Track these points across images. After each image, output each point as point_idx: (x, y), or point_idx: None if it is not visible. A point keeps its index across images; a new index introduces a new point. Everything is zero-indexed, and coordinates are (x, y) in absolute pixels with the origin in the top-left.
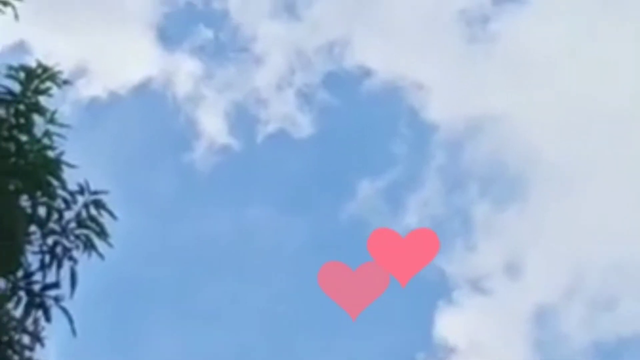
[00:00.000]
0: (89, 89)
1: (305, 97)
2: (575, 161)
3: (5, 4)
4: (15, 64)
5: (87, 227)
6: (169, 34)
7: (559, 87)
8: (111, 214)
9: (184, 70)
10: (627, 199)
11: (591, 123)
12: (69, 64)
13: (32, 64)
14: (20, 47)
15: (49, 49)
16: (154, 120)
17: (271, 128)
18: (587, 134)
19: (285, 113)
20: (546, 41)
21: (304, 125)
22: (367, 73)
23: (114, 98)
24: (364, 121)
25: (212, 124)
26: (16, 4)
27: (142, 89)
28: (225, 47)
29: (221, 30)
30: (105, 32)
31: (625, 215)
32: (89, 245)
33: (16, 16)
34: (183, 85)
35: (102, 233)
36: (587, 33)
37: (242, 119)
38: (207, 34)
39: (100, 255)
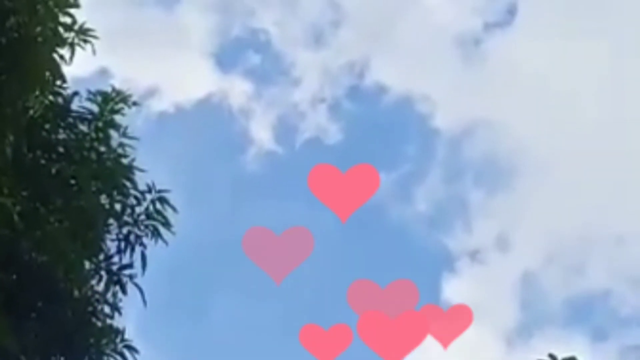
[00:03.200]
0: (159, 105)
1: (333, 110)
2: (554, 156)
3: (85, 41)
4: (99, 87)
5: (154, 219)
6: (224, 60)
7: (540, 95)
8: (173, 208)
9: (237, 89)
10: (593, 186)
11: (567, 126)
12: (143, 85)
13: (115, 86)
14: (104, 73)
15: (127, 73)
16: (213, 130)
17: (307, 136)
18: (563, 135)
19: (318, 123)
20: (527, 57)
21: (333, 133)
22: (382, 87)
23: (180, 112)
24: (381, 127)
25: (261, 133)
26: (94, 41)
27: (203, 105)
28: (270, 71)
29: (266, 56)
30: (172, 58)
31: (592, 199)
32: (156, 234)
33: (94, 51)
34: (236, 101)
35: (167, 224)
36: (562, 49)
37: (284, 129)
38: (255, 59)
39: (165, 242)
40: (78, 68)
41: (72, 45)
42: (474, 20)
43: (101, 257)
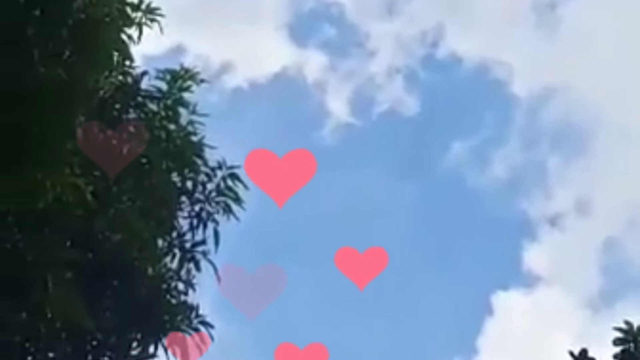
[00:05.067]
0: (234, 80)
1: (409, 81)
2: (630, 120)
3: (153, 20)
4: (173, 64)
5: (225, 195)
6: (298, 33)
7: (615, 58)
8: (244, 184)
9: (312, 62)
10: None
11: None
12: (217, 61)
13: (188, 63)
14: (178, 50)
15: (201, 50)
16: (289, 104)
17: (384, 107)
18: (639, 99)
19: (394, 95)
20: (603, 22)
21: (410, 104)
22: (458, 56)
23: (254, 87)
24: (458, 96)
25: (337, 106)
26: (164, 19)
27: (278, 79)
28: (344, 43)
29: (340, 29)
30: (246, 33)
31: None
32: (227, 210)
33: (161, 30)
34: (312, 75)
35: (238, 200)
36: (635, 13)
37: (360, 101)
38: (330, 32)
39: (237, 218)
40: (151, 46)
41: (139, 25)
42: None
43: (174, 234)
